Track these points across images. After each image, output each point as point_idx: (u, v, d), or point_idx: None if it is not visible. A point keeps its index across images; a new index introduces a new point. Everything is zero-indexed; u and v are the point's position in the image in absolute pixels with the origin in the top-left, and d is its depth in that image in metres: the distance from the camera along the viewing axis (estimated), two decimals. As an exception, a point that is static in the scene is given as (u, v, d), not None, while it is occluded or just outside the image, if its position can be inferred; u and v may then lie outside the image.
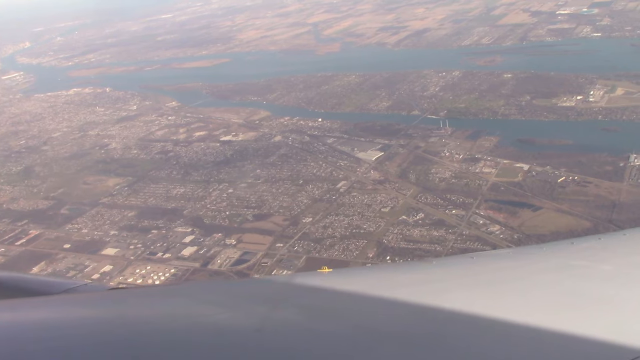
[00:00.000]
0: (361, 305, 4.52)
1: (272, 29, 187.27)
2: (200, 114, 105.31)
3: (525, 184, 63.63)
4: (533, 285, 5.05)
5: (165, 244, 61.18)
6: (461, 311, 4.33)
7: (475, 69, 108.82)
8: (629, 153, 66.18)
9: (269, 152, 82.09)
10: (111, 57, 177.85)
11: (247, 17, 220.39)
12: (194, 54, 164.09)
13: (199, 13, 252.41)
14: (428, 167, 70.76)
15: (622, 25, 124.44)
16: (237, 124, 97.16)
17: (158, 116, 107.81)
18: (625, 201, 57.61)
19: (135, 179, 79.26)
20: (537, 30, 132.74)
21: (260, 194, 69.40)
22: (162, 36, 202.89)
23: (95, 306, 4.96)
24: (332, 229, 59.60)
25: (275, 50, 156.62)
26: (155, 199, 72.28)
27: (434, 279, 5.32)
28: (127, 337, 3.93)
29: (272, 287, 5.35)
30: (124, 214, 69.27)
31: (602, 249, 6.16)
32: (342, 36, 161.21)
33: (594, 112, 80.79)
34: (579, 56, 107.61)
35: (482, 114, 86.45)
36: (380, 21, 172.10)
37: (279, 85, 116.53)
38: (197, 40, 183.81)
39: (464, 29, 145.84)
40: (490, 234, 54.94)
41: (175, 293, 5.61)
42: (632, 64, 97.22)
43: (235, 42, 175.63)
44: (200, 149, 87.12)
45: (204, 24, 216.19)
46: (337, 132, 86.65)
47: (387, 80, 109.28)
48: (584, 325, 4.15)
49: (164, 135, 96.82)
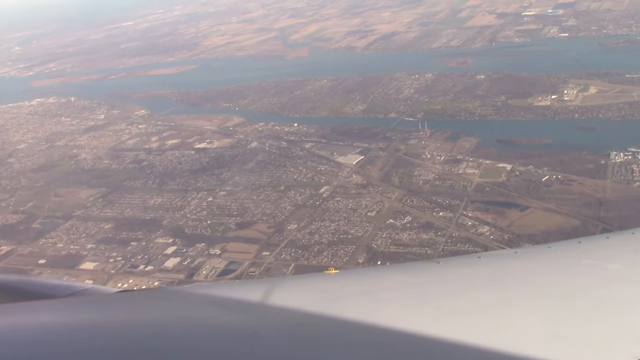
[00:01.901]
0: (370, 305, 4.52)
1: (238, 34, 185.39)
2: (171, 122, 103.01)
3: (510, 183, 63.39)
4: (541, 284, 5.03)
5: (146, 256, 59.06)
6: (470, 311, 4.40)
7: (447, 70, 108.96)
8: (609, 150, 66.60)
9: (246, 159, 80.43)
10: (73, 66, 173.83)
11: (211, 23, 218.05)
12: (160, 61, 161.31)
13: (161, 20, 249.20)
14: (410, 170, 70.09)
15: (588, 25, 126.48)
16: (210, 130, 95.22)
17: (128, 125, 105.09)
18: (611, 198, 57.72)
19: (109, 189, 76.70)
20: (505, 32, 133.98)
21: (241, 202, 67.74)
22: (125, 44, 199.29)
23: (101, 309, 4.93)
24: (319, 235, 58.32)
25: (242, 56, 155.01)
26: (132, 209, 69.98)
27: (442, 279, 5.30)
28: (133, 340, 3.97)
29: (279, 289, 5.07)
30: (100, 226, 66.80)
31: (610, 248, 6.09)
32: (309, 41, 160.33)
33: (570, 111, 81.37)
34: (549, 56, 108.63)
35: (459, 115, 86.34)
36: (347, 25, 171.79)
37: (250, 91, 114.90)
38: (162, 47, 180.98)
39: (432, 31, 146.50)
40: (480, 235, 54.38)
41: (182, 295, 5.44)
42: (602, 63, 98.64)
43: (201, 48, 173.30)
44: (175, 158, 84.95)
45: (167, 31, 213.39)
46: (314, 137, 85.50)
47: (360, 84, 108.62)
48: (593, 324, 4.25)
49: (136, 144, 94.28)
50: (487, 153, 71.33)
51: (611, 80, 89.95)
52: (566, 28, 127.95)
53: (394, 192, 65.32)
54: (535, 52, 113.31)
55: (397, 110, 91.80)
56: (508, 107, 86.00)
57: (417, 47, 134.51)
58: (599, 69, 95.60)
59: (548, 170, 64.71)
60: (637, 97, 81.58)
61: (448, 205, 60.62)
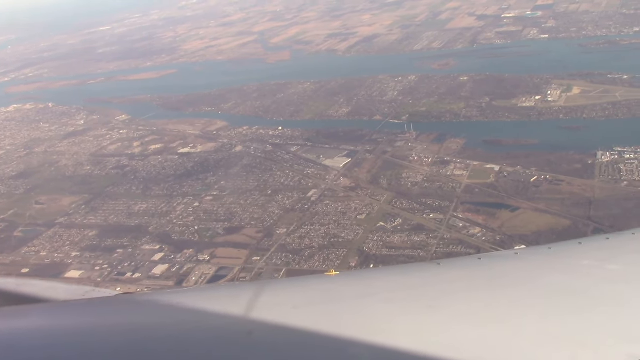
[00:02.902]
0: (373, 307, 4.51)
1: (217, 38, 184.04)
2: (153, 127, 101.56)
3: (499, 184, 63.31)
4: (542, 285, 5.03)
5: (133, 263, 57.95)
6: (471, 312, 4.40)
7: (430, 72, 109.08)
8: (595, 150, 66.87)
9: (231, 163, 79.48)
10: (50, 71, 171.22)
11: (189, 27, 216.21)
12: (139, 66, 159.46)
13: (138, 25, 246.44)
14: (399, 172, 69.74)
15: (567, 27, 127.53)
16: (193, 135, 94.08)
17: (108, 130, 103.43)
18: (600, 198, 57.88)
19: (91, 196, 75.26)
20: (485, 34, 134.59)
21: (228, 207, 66.84)
22: (102, 49, 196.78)
23: (102, 312, 4.87)
24: (309, 239, 57.66)
25: (223, 60, 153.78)
26: (116, 216, 68.67)
27: (443, 280, 5.28)
28: (135, 343, 3.96)
29: (280, 291, 5.14)
30: (85, 233, 65.43)
31: (610, 249, 6.04)
32: (290, 44, 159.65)
33: (555, 112, 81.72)
34: (531, 57, 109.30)
35: (444, 117, 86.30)
36: (328, 28, 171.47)
37: (232, 95, 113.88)
38: (141, 51, 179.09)
39: (413, 34, 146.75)
40: (472, 237, 54.14)
41: (185, 297, 5.32)
42: (583, 64, 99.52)
43: (180, 52, 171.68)
44: (159, 163, 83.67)
45: (145, 36, 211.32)
46: (299, 140, 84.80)
47: (344, 87, 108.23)
48: (594, 325, 4.24)
49: (118, 149, 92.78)
50: (475, 154, 71.24)
51: (593, 80, 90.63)
52: (546, 29, 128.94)
53: (383, 194, 64.89)
54: (517, 54, 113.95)
55: (382, 113, 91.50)
56: (493, 108, 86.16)
57: (398, 50, 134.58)
58: (581, 69, 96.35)
59: (536, 170, 64.76)
60: (620, 97, 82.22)
61: (438, 207, 60.33)
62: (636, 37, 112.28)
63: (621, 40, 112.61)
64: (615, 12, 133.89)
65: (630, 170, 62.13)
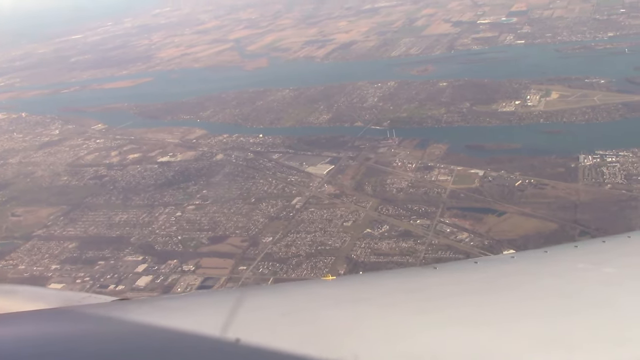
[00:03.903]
0: (370, 312, 4.55)
1: (193, 46, 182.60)
2: (131, 135, 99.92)
3: (484, 189, 63.28)
4: (538, 289, 5.06)
5: (116, 275, 56.55)
6: (468, 316, 4.44)
7: (409, 78, 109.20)
8: (578, 154, 67.28)
9: (213, 172, 78.43)
10: (22, 80, 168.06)
11: (164, 35, 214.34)
12: (114, 74, 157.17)
13: (111, 33, 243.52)
14: (383, 178, 69.37)
15: (543, 32, 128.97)
16: (173, 143, 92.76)
17: (85, 140, 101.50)
18: (586, 201, 58.09)
19: (70, 207, 73.50)
20: (462, 40, 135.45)
21: (211, 216, 65.77)
22: (75, 57, 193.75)
23: (99, 318, 4.89)
24: (295, 248, 56.86)
25: (199, 68, 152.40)
26: (96, 227, 67.10)
27: (440, 284, 5.30)
28: (132, 349, 4.02)
29: (276, 296, 5.20)
30: (64, 245, 63.77)
31: (606, 252, 6.11)
32: (267, 51, 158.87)
33: (535, 116, 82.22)
34: (508, 63, 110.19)
35: (425, 123, 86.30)
36: (304, 35, 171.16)
37: (210, 103, 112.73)
38: (115, 60, 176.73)
39: (390, 40, 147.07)
40: (460, 242, 53.88)
41: (181, 302, 5.40)
42: (560, 69, 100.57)
43: (155, 60, 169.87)
44: (138, 172, 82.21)
45: (119, 44, 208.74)
46: (281, 147, 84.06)
47: (323, 93, 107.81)
48: (589, 328, 4.26)
49: (95, 159, 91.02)
50: (458, 159, 71.19)
51: (571, 85, 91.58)
52: (522, 35, 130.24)
53: (368, 201, 64.43)
54: (494, 59, 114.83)
55: (362, 119, 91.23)
56: (474, 114, 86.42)
57: (376, 56, 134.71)
58: (559, 74, 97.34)
59: (520, 174, 64.84)
60: (598, 101, 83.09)
61: (424, 212, 60.04)
62: (610, 42, 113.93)
63: (596, 45, 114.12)
64: (588, 17, 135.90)
65: (613, 173, 62.56)
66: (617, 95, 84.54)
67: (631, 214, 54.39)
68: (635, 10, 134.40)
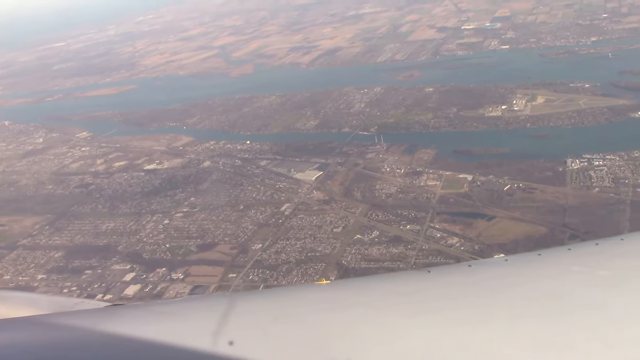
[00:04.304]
0: (366, 316, 4.54)
1: (178, 53, 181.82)
2: (116, 143, 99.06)
3: (473, 194, 63.34)
4: (532, 292, 5.06)
5: (103, 284, 55.83)
6: (462, 320, 4.45)
7: (396, 84, 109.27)
8: (565, 158, 67.61)
9: (200, 179, 77.90)
10: (4, 89, 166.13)
11: (148, 42, 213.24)
12: (98, 82, 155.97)
13: (94, 40, 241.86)
14: (372, 184, 69.23)
15: (527, 38, 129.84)
16: (159, 151, 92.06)
17: (69, 148, 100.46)
18: (574, 204, 58.31)
19: (55, 216, 72.58)
20: (447, 45, 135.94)
21: (199, 223, 65.24)
22: (58, 65, 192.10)
23: (93, 324, 4.78)
24: (285, 254, 56.50)
25: (184, 75, 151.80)
26: (82, 236, 66.31)
27: (434, 288, 5.29)
28: (127, 355, 4.02)
29: (270, 300, 5.19)
30: (50, 255, 62.92)
31: (599, 255, 6.08)
32: (253, 58, 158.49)
33: (522, 121, 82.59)
34: (494, 68, 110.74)
35: (413, 128, 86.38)
36: (289, 42, 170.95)
37: (196, 110, 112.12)
38: (98, 67, 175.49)
39: (375, 46, 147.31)
40: (451, 247, 53.84)
41: (175, 307, 5.35)
42: (545, 73, 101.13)
43: (139, 68, 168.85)
44: (124, 180, 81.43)
45: (102, 51, 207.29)
46: (269, 154, 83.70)
47: (310, 100, 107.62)
48: (583, 331, 4.28)
49: (80, 167, 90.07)
50: (446, 164, 71.27)
51: (557, 89, 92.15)
52: (506, 40, 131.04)
53: (358, 206, 64.24)
54: (480, 64, 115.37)
55: (350, 125, 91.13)
56: (461, 119, 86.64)
57: (362, 62, 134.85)
58: (544, 79, 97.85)
59: (508, 179, 65.02)
60: (584, 105, 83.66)
61: (414, 217, 59.96)
62: (594, 47, 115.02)
63: (579, 49, 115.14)
64: (571, 23, 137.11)
65: (600, 176, 62.90)
66: (602, 99, 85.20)
67: (619, 217, 54.73)
68: (617, 16, 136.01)
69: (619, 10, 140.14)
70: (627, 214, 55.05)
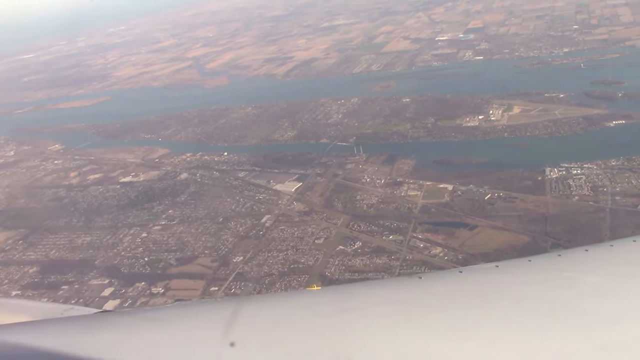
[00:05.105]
0: (357, 321, 4.54)
1: (151, 64, 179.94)
2: (90, 156, 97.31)
3: (454, 203, 63.36)
4: (522, 298, 5.11)
5: (81, 300, 54.35)
6: (451, 325, 4.48)
7: (372, 95, 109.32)
8: (543, 167, 68.10)
9: (177, 191, 76.71)
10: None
11: (119, 54, 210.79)
12: (69, 94, 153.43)
13: (65, 52, 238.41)
14: (352, 194, 68.90)
15: (500, 49, 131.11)
16: (134, 163, 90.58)
17: (42, 161, 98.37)
18: (555, 213, 58.61)
19: (29, 230, 70.76)
20: (422, 56, 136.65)
21: (178, 236, 64.15)
22: (28, 77, 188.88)
23: (82, 331, 4.81)
24: (267, 267, 55.75)
25: (158, 86, 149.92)
26: (57, 250, 64.72)
27: (425, 294, 5.34)
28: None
29: (261, 306, 5.15)
30: (24, 270, 61.22)
31: (589, 261, 6.20)
32: (227, 69, 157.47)
33: (499, 130, 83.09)
34: (469, 78, 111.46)
35: (392, 138, 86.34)
36: (263, 53, 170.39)
37: (172, 121, 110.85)
38: (70, 79, 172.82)
39: (350, 57, 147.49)
40: (434, 257, 53.65)
41: (165, 313, 5.35)
42: (520, 84, 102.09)
43: (112, 79, 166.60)
44: (99, 193, 79.85)
45: (73, 63, 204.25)
46: (247, 165, 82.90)
47: (286, 111, 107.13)
48: (572, 337, 4.35)
49: (53, 180, 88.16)
50: (426, 174, 71.26)
51: (532, 99, 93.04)
52: (480, 51, 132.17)
53: (339, 217, 63.80)
54: (455, 75, 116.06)
55: (328, 136, 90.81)
56: (439, 129, 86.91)
57: (338, 73, 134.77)
58: (519, 89, 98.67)
59: (489, 188, 65.17)
60: (559, 115, 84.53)
61: (396, 228, 59.70)
62: (566, 58, 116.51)
63: (552, 60, 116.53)
64: (543, 34, 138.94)
65: (579, 185, 63.43)
66: (577, 109, 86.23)
67: (600, 225, 55.11)
68: (587, 27, 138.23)
69: (588, 22, 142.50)
70: (608, 222, 55.47)
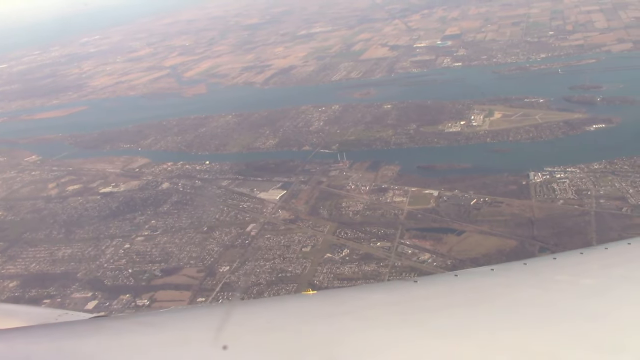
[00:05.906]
0: (353, 325, 4.55)
1: (127, 73, 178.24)
2: (68, 167, 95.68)
3: (440, 209, 63.27)
4: (518, 301, 5.13)
5: (64, 314, 52.92)
6: (447, 328, 4.51)
7: (353, 102, 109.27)
8: (527, 171, 68.35)
9: (159, 201, 75.60)
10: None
11: (95, 63, 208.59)
12: (45, 104, 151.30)
13: (38, 62, 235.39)
14: (338, 202, 68.47)
15: (478, 55, 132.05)
16: (114, 173, 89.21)
17: (18, 172, 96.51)
18: (540, 217, 58.78)
19: (7, 244, 69.18)
20: (401, 63, 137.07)
21: (162, 246, 63.12)
22: (1, 87, 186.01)
23: (77, 336, 4.79)
24: (255, 276, 54.99)
25: (135, 95, 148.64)
26: (38, 264, 63.26)
27: (421, 297, 5.31)
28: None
29: (256, 310, 5.16)
30: (4, 285, 59.71)
31: (583, 264, 6.19)
32: (205, 77, 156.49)
33: (481, 136, 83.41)
34: (449, 84, 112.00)
35: (374, 145, 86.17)
36: (241, 61, 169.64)
37: (151, 130, 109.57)
38: (45, 89, 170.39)
39: (329, 64, 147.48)
40: (423, 263, 53.40)
41: (159, 318, 5.29)
42: (499, 89, 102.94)
43: (88, 89, 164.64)
44: (79, 204, 78.38)
45: (48, 73, 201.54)
46: (229, 174, 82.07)
47: (267, 119, 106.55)
48: (567, 339, 4.38)
49: (31, 192, 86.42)
50: (411, 180, 71.17)
51: (512, 105, 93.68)
52: (458, 58, 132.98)
53: (325, 225, 63.32)
54: (435, 81, 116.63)
55: (310, 143, 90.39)
56: (421, 135, 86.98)
57: (317, 80, 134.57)
58: (498, 95, 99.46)
59: (474, 193, 65.26)
60: (540, 120, 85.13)
61: (384, 234, 59.39)
62: (544, 63, 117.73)
63: (530, 66, 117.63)
64: (520, 40, 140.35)
65: (563, 189, 63.76)
66: (557, 113, 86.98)
67: (587, 228, 55.35)
68: (563, 33, 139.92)
69: (564, 28, 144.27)
70: (593, 225, 55.77)
